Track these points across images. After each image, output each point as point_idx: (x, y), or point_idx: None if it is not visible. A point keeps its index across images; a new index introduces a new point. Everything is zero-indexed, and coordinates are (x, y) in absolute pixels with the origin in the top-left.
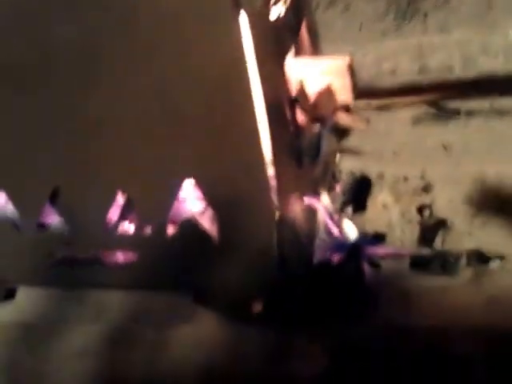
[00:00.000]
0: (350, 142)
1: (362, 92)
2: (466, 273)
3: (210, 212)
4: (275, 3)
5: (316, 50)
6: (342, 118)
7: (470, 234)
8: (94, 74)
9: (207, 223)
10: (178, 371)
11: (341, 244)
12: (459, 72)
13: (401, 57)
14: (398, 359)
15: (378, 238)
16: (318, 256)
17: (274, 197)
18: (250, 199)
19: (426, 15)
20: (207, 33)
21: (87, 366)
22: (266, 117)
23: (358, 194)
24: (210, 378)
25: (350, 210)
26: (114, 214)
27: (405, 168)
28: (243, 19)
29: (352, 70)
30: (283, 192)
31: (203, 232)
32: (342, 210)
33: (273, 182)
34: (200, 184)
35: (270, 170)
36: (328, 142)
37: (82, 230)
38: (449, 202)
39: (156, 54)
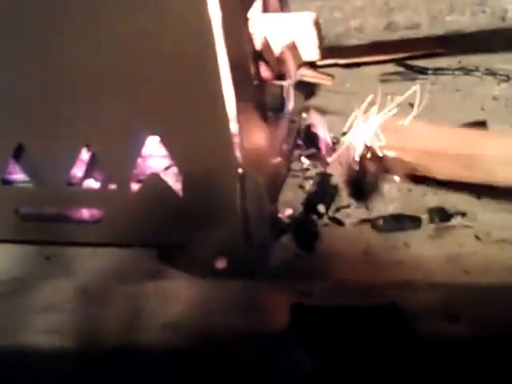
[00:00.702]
0: (317, 100)
1: (328, 50)
2: (427, 229)
3: (174, 169)
4: None
5: (282, 4)
6: (308, 74)
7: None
8: (57, 24)
9: (171, 180)
10: (148, 326)
11: None
12: (426, 29)
13: (368, 14)
14: (359, 315)
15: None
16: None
17: (238, 153)
18: (213, 155)
19: None
20: None
21: (56, 320)
22: (229, 72)
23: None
24: (176, 333)
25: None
26: (78, 170)
27: None
28: None
29: (318, 27)
30: (247, 149)
31: (167, 188)
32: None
33: (236, 139)
34: (164, 141)
35: (234, 127)
36: (293, 99)
37: (46, 186)
38: None
39: (121, 4)
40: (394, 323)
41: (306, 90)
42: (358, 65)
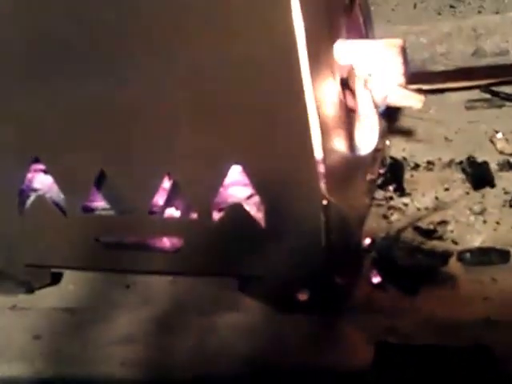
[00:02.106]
0: (401, 127)
1: (414, 75)
2: None
3: (256, 198)
4: None
5: (368, 29)
6: (398, 95)
7: None
8: (135, 59)
9: (253, 209)
10: (223, 359)
11: None
12: None
13: (455, 39)
14: (446, 355)
15: None
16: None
17: (322, 183)
18: (297, 185)
19: None
20: (254, 13)
21: (133, 352)
22: (315, 101)
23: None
24: (253, 367)
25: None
26: (160, 198)
27: (456, 155)
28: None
29: (404, 53)
30: (331, 178)
31: (249, 218)
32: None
33: (321, 168)
34: (246, 170)
35: (318, 156)
36: (380, 126)
37: (128, 215)
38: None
39: (201, 37)
40: (483, 364)
41: (390, 115)
42: (442, 91)
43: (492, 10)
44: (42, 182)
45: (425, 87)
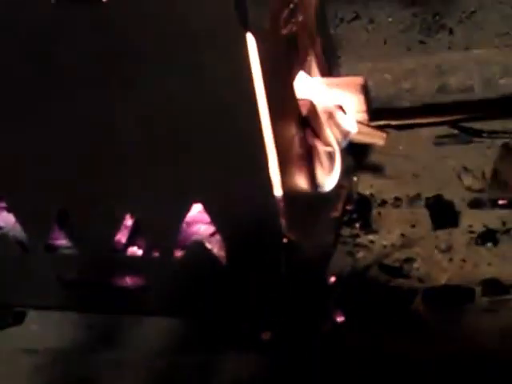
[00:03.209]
0: (369, 163)
1: (380, 111)
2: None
3: (217, 236)
4: (286, 21)
5: (331, 67)
6: (361, 131)
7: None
8: (95, 99)
9: (215, 247)
10: None
11: None
12: (480, 92)
13: (420, 75)
14: None
15: None
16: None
17: (282, 221)
18: (257, 223)
19: (450, 31)
20: (213, 52)
21: None
22: (273, 139)
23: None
24: None
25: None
26: (121, 236)
27: (423, 191)
28: (250, 39)
29: (366, 90)
30: (292, 216)
31: (211, 256)
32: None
33: (281, 205)
34: (207, 208)
35: (278, 193)
36: (343, 163)
37: (90, 253)
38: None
39: (162, 73)
40: None
41: (358, 152)
42: (411, 126)
43: (461, 47)
44: (4, 219)
45: (392, 123)
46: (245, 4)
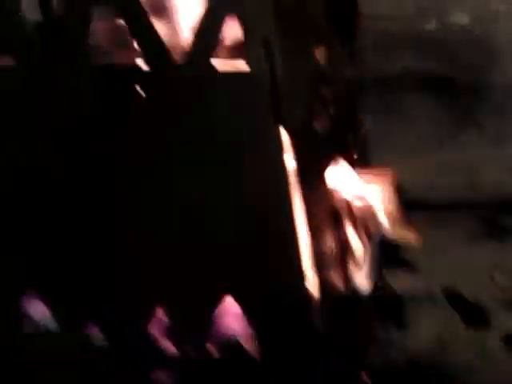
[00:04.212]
0: (399, 258)
1: (412, 205)
2: None
3: (250, 330)
4: (318, 115)
5: (364, 160)
6: (393, 229)
7: None
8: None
9: (248, 341)
10: None
11: None
12: None
13: (453, 170)
14: None
15: None
16: None
17: (318, 319)
18: (292, 320)
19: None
20: (246, 148)
21: None
22: (307, 233)
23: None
24: None
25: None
26: (153, 330)
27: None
28: (284, 135)
29: (398, 184)
30: (326, 314)
31: (243, 351)
32: None
33: (316, 303)
34: (240, 301)
35: (314, 291)
36: (376, 259)
37: (121, 345)
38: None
39: (198, 174)
40: None
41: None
42: (443, 222)
43: (492, 142)
44: (37, 309)
45: (423, 217)
46: (279, 101)
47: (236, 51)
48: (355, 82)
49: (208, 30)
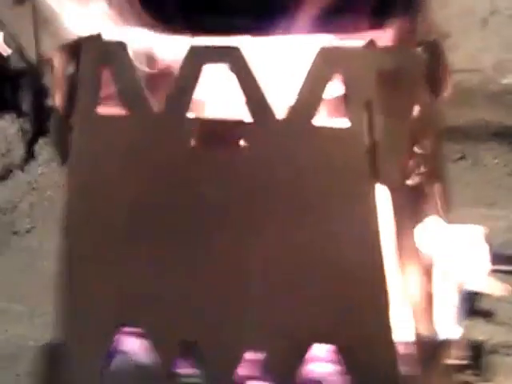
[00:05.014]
0: (481, 307)
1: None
2: None
3: (336, 376)
4: (412, 173)
5: (448, 212)
6: (481, 283)
7: None
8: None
9: None
10: None
11: None
12: None
13: None
14: None
15: None
16: None
17: (406, 366)
18: (380, 368)
19: None
20: (342, 205)
21: None
22: (400, 290)
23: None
24: None
25: None
26: (242, 371)
27: None
28: (381, 192)
29: (487, 239)
30: (416, 362)
31: None
32: None
33: (403, 351)
34: (333, 348)
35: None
36: (461, 309)
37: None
38: None
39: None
40: None
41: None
42: None
43: None
44: (129, 345)
45: (504, 268)
46: (377, 159)
47: (337, 110)
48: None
49: (312, 88)
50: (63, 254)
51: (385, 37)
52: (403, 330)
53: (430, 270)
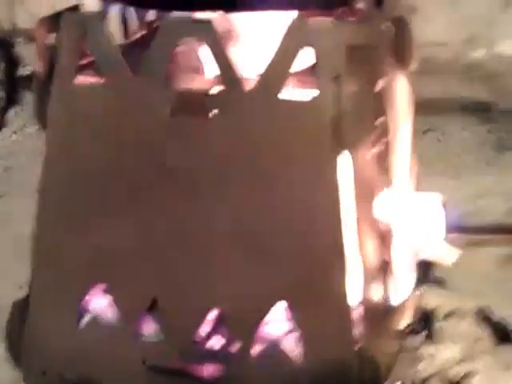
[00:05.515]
0: (433, 275)
1: (450, 228)
2: None
3: (294, 335)
4: (374, 142)
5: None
6: (434, 249)
7: None
8: (203, 200)
9: (291, 346)
10: None
11: None
12: None
13: (494, 195)
14: None
15: None
16: None
17: (357, 329)
18: (333, 329)
19: None
20: (306, 172)
21: None
22: (357, 248)
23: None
24: None
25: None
26: (205, 327)
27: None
28: (344, 159)
29: (444, 208)
30: (365, 325)
31: (286, 355)
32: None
33: (356, 314)
34: (291, 307)
35: (356, 302)
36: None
37: (174, 342)
38: None
39: (256, 186)
40: None
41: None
42: (477, 245)
43: None
44: (95, 304)
45: (459, 239)
46: (340, 127)
47: (304, 82)
48: None
49: (281, 61)
50: (37, 215)
51: (354, 12)
52: (357, 294)
53: (388, 238)
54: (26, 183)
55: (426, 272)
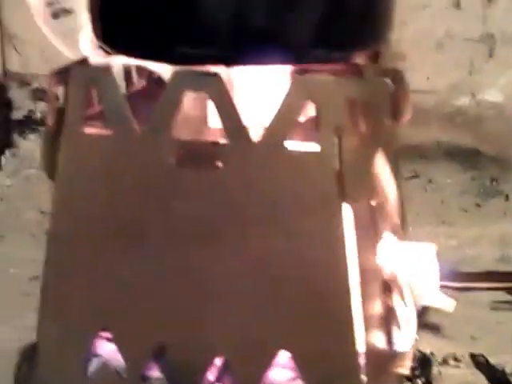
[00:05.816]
0: (428, 321)
1: (443, 275)
2: None
3: (299, 382)
4: (374, 194)
5: (404, 230)
6: (432, 297)
7: None
8: (210, 249)
9: None
10: None
11: None
12: None
13: (483, 243)
14: None
15: None
16: None
17: (363, 375)
18: (339, 376)
19: (507, 197)
20: (311, 220)
21: None
22: (359, 300)
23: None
24: None
25: None
26: (210, 375)
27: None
28: (346, 209)
29: (437, 256)
30: (371, 371)
31: None
32: None
33: (362, 361)
34: (294, 356)
35: (361, 349)
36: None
37: None
38: None
39: (262, 236)
40: None
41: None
42: (468, 290)
43: None
44: (104, 348)
45: (452, 285)
46: (345, 181)
47: (308, 133)
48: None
49: (286, 114)
50: (45, 262)
51: (354, 65)
52: (361, 341)
53: (391, 285)
54: (20, 228)
55: (420, 317)
